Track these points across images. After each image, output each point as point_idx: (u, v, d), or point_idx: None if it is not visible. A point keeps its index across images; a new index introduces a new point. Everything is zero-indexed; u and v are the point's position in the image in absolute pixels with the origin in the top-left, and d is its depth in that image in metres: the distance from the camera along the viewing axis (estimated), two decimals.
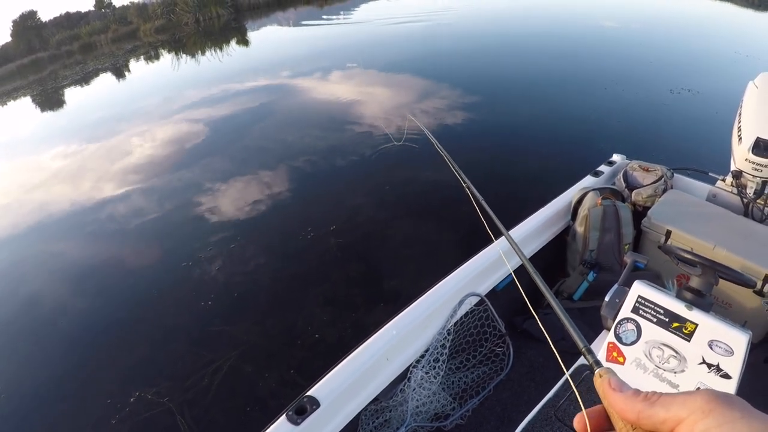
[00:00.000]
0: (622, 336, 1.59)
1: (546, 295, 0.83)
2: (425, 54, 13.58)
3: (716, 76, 9.70)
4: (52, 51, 36.94)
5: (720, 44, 13.70)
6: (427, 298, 2.25)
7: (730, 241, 2.50)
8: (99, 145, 9.74)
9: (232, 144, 8.17)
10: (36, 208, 7.14)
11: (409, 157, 6.39)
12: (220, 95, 11.91)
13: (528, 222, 2.84)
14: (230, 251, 4.97)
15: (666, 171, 3.13)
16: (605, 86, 9.09)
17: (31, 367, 4.04)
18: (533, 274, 0.93)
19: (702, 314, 1.51)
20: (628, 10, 22.97)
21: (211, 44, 24.26)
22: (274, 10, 38.18)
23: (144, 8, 40.02)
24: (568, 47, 13.39)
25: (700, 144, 6.15)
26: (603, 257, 2.89)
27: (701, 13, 23.88)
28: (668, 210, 2.79)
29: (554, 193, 3.13)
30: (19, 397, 3.74)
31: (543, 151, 6.42)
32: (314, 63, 14.13)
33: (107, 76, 20.29)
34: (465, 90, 9.34)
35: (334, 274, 4.45)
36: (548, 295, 0.82)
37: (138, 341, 4.02)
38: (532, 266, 0.97)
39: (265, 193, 6.07)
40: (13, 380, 3.93)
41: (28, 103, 18.26)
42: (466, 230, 4.72)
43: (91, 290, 4.95)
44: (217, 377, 3.45)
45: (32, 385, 3.82)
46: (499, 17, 19.12)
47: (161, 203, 6.38)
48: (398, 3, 35.69)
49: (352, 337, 3.63)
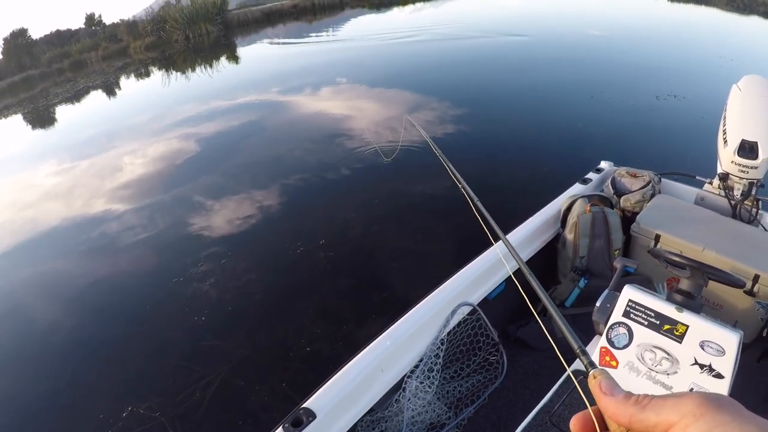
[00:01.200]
0: (614, 340, 1.61)
1: (542, 298, 0.84)
2: (413, 68, 13.68)
3: (701, 81, 9.81)
4: (43, 68, 36.84)
5: (705, 49, 13.87)
6: (420, 309, 2.25)
7: (719, 242, 2.52)
8: (90, 162, 9.71)
9: (223, 160, 8.17)
10: (28, 226, 7.10)
11: (396, 171, 6.42)
12: (210, 112, 11.91)
13: (518, 231, 2.85)
14: (221, 266, 4.96)
15: (653, 176, 3.16)
16: (591, 95, 9.17)
17: (24, 381, 4.01)
18: (530, 276, 0.94)
19: (692, 316, 1.52)
20: (612, 18, 23.20)
21: (201, 61, 24.29)
22: (263, 26, 38.35)
23: (134, 25, 40.07)
24: (554, 57, 13.51)
25: (686, 148, 6.20)
26: (593, 263, 2.90)
27: (686, 18, 24.13)
28: (657, 214, 2.82)
29: (543, 202, 3.15)
30: (12, 411, 3.72)
31: (531, 161, 6.47)
32: (304, 78, 14.18)
33: (98, 93, 20.26)
34: (453, 102, 9.40)
35: (324, 288, 4.45)
36: (544, 297, 0.83)
37: (130, 356, 4.01)
38: (529, 269, 0.98)
39: (255, 209, 6.07)
40: (6, 394, 3.91)
41: (19, 121, 18.19)
42: (455, 240, 4.75)
43: (84, 306, 4.93)
44: (208, 391, 3.43)
45: (26, 400, 3.79)
46: (484, 31, 19.24)
47: (153, 220, 6.36)
48: (386, 17, 36.01)
49: (343, 350, 3.63)
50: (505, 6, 36.42)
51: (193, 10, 36.46)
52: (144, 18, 39.83)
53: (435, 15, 33.33)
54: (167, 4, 39.83)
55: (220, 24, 37.76)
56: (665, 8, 31.68)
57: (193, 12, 36.37)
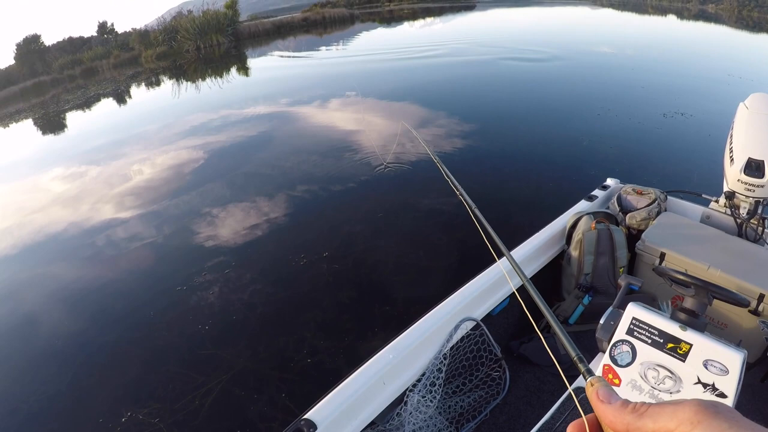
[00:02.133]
0: (617, 358, 1.60)
1: (544, 313, 0.84)
2: (421, 83, 13.76)
3: (709, 99, 9.83)
4: (55, 75, 37.18)
5: (713, 67, 13.90)
6: (424, 323, 2.25)
7: (724, 261, 2.51)
8: (99, 169, 9.75)
9: (230, 170, 8.20)
10: (35, 230, 7.13)
11: (402, 185, 6.45)
12: (219, 122, 11.99)
13: (523, 247, 2.85)
14: (225, 276, 4.97)
15: (659, 194, 3.16)
16: (598, 111, 9.19)
17: (24, 384, 4.01)
18: (533, 292, 0.94)
19: (696, 334, 1.51)
20: (621, 35, 23.29)
21: (211, 71, 24.48)
22: (274, 39, 38.68)
23: (146, 35, 40.45)
24: (562, 74, 13.57)
25: (693, 166, 6.21)
26: (598, 281, 2.90)
27: (695, 35, 24.20)
28: (662, 232, 2.81)
29: (549, 218, 3.15)
30: (11, 413, 3.72)
31: (537, 177, 6.47)
32: (313, 91, 14.29)
33: (109, 101, 20.42)
34: (460, 117, 9.46)
35: (326, 300, 4.44)
36: (546, 312, 0.84)
37: (131, 362, 4.01)
38: (533, 286, 0.98)
39: (260, 219, 6.09)
40: (6, 397, 3.91)
41: (29, 126, 18.33)
42: (460, 255, 4.75)
43: (87, 311, 4.94)
44: (207, 400, 3.43)
45: (25, 402, 3.79)
46: (493, 47, 19.35)
47: (158, 228, 6.38)
48: (396, 32, 36.26)
49: (344, 363, 3.63)
50: (514, 21, 36.70)
51: (204, 21, 36.82)
52: (156, 28, 40.22)
53: (444, 30, 33.67)
54: (179, 14, 40.26)
55: (231, 35, 38.14)
56: (675, 26, 31.80)
57: (204, 23, 36.73)
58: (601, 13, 47.45)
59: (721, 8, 49.12)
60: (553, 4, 65.16)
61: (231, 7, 39.87)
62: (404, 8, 77.02)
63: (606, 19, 39.10)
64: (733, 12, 44.79)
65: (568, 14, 44.86)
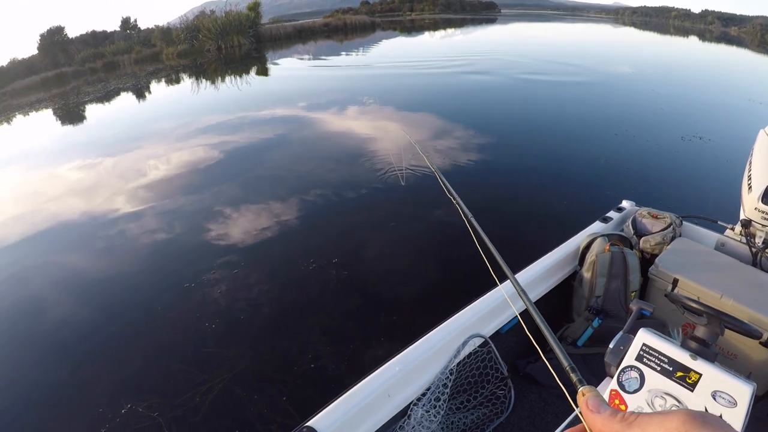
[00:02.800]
0: (625, 384, 1.58)
1: (548, 338, 0.84)
2: (439, 94, 13.81)
3: (729, 124, 9.77)
4: (76, 67, 37.67)
5: (734, 91, 13.84)
6: (431, 337, 2.24)
7: (737, 290, 2.48)
8: (114, 162, 9.86)
9: (245, 171, 8.25)
10: (49, 219, 7.19)
11: (416, 196, 6.45)
12: (236, 123, 12.09)
13: (536, 265, 2.83)
14: (233, 276, 4.98)
15: (675, 218, 3.12)
16: (615, 132, 9.15)
17: (27, 370, 4.04)
18: (537, 318, 0.94)
19: (706, 364, 1.49)
20: (641, 55, 23.22)
21: (231, 72, 24.69)
22: (294, 42, 38.98)
23: (168, 32, 40.92)
24: (580, 91, 13.55)
25: (710, 192, 6.16)
26: (609, 304, 2.87)
27: (716, 59, 24.09)
28: (676, 258, 2.78)
29: (563, 238, 3.13)
30: (11, 398, 3.75)
31: (552, 196, 6.44)
32: (331, 96, 14.38)
33: (128, 95, 20.63)
34: (477, 132, 9.47)
35: (332, 306, 4.43)
36: (550, 337, 0.83)
37: (134, 355, 4.02)
38: (537, 311, 0.98)
39: (271, 221, 6.10)
40: (8, 382, 3.94)
41: (49, 116, 18.55)
42: (470, 270, 4.72)
43: (93, 302, 4.97)
44: (208, 397, 3.43)
45: (26, 389, 3.82)
46: (511, 62, 19.37)
47: (171, 224, 6.41)
48: (416, 42, 36.40)
49: (346, 370, 3.62)
50: (535, 37, 36.71)
51: (226, 22, 37.21)
52: (178, 26, 40.68)
53: (464, 42, 33.74)
54: (202, 14, 40.71)
55: (252, 37, 38.49)
56: (696, 47, 31.67)
57: (226, 23, 37.10)
58: (623, 31, 47.41)
59: (744, 31, 48.94)
60: (575, 21, 65.16)
61: (253, 9, 40.25)
62: (425, 18, 77.45)
63: (627, 38, 39.08)
64: (756, 36, 44.57)
65: (590, 31, 44.87)
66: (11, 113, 20.92)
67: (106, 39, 45.63)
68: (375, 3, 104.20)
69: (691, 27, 57.62)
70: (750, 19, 51.86)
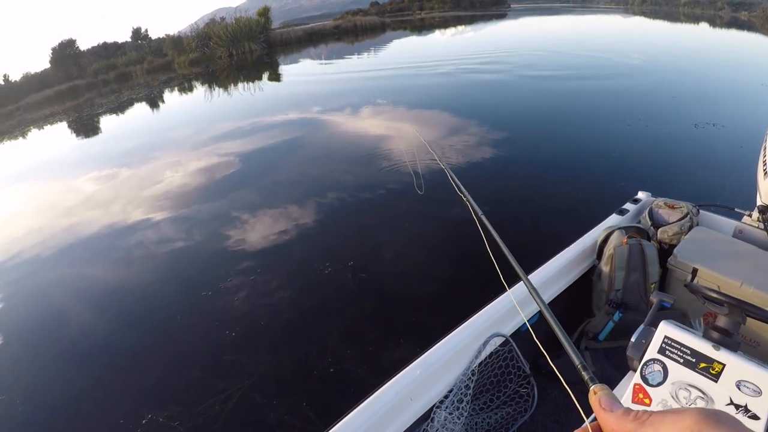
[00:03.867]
0: (648, 377, 1.57)
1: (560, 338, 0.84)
2: (451, 94, 13.79)
3: (742, 110, 9.62)
4: (89, 79, 38.16)
5: (747, 77, 13.65)
6: (452, 339, 2.23)
7: (757, 278, 2.44)
8: (131, 172, 9.96)
9: (260, 177, 8.30)
10: (66, 230, 7.30)
11: (430, 196, 6.42)
12: (250, 128, 12.17)
13: (553, 261, 2.81)
14: (251, 282, 4.99)
15: (691, 208, 3.08)
16: (629, 123, 9.06)
17: (50, 381, 4.10)
18: (550, 318, 0.94)
19: (729, 354, 1.47)
20: (652, 44, 22.98)
21: (243, 78, 24.86)
22: (305, 46, 39.09)
23: (179, 41, 41.25)
24: (590, 84, 13.46)
25: (725, 179, 6.07)
26: (629, 297, 2.85)
27: (727, 45, 23.77)
28: (694, 247, 2.75)
29: (580, 232, 3.09)
30: (35, 409, 3.81)
31: (568, 190, 6.38)
32: (344, 98, 14.43)
33: (141, 105, 20.86)
34: (488, 129, 9.44)
35: (350, 309, 4.43)
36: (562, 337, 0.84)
37: (154, 365, 4.06)
38: (550, 311, 0.98)
39: (288, 226, 6.12)
40: (31, 394, 3.99)
41: (64, 128, 18.82)
42: (489, 268, 4.71)
43: (113, 312, 5.03)
44: (228, 405, 3.44)
45: (50, 399, 3.88)
46: (520, 57, 19.28)
47: (189, 231, 6.47)
48: (425, 41, 36.35)
49: (366, 373, 3.61)
50: (543, 30, 36.48)
51: (237, 29, 37.45)
52: (189, 34, 41.00)
53: (474, 39, 33.58)
54: (212, 21, 41.03)
55: (263, 42, 38.70)
56: (707, 34, 31.28)
57: (237, 30, 37.34)
58: (633, 21, 46.95)
59: (754, 15, 48.27)
60: (585, 12, 64.65)
61: (263, 15, 40.47)
62: (435, 16, 77.31)
63: (637, 27, 38.67)
64: (766, 19, 43.93)
65: (600, 22, 44.47)
66: (26, 127, 21.28)
67: (118, 50, 46.19)
68: (384, 3, 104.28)
69: (701, 13, 56.82)
70: (759, 2, 51.08)
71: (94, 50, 46.86)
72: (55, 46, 43.18)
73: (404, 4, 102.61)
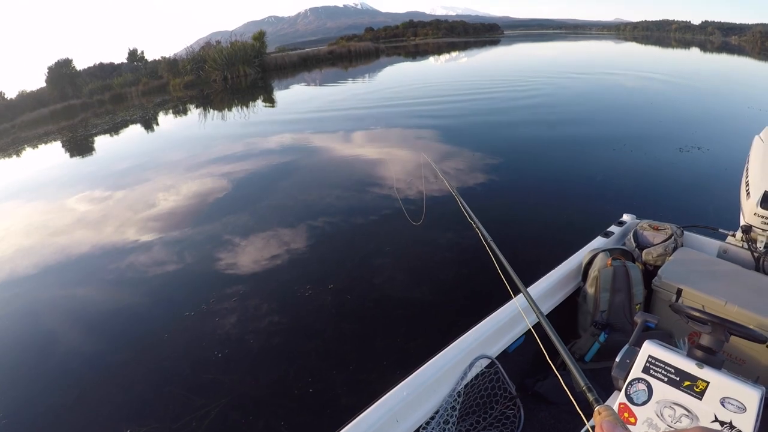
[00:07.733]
0: (633, 396, 1.59)
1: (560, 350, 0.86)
2: (442, 117, 13.97)
3: (727, 133, 9.80)
4: (84, 99, 38.25)
5: (732, 99, 13.87)
6: (438, 360, 2.23)
7: (741, 296, 2.46)
8: (124, 194, 9.92)
9: (252, 201, 8.29)
10: (57, 251, 7.25)
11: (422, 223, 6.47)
12: (244, 152, 12.19)
13: (539, 284, 2.82)
14: (234, 304, 5.00)
15: (676, 229, 3.12)
16: (614, 147, 9.19)
17: (33, 396, 4.09)
18: (549, 330, 0.95)
19: (713, 372, 1.49)
20: (636, 69, 23.31)
21: (237, 102, 24.98)
22: (300, 71, 39.39)
23: (174, 64, 41.47)
24: (577, 109, 13.61)
25: (709, 200, 6.19)
26: (614, 318, 2.86)
27: (713, 68, 24.11)
28: (678, 268, 2.78)
29: (565, 255, 3.12)
30: (17, 423, 3.79)
31: (553, 212, 6.45)
32: (338, 123, 14.56)
33: (136, 127, 20.89)
34: (477, 151, 9.62)
35: (328, 331, 4.43)
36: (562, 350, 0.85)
37: (135, 381, 4.07)
38: (548, 322, 0.99)
39: (275, 250, 6.12)
40: (14, 406, 3.99)
41: (58, 148, 18.78)
42: (472, 292, 4.72)
43: (102, 331, 5.02)
44: (205, 422, 3.43)
45: (32, 413, 3.87)
46: (510, 82, 19.53)
47: (179, 254, 6.43)
48: (420, 67, 36.70)
49: (346, 395, 3.60)
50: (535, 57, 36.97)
51: (232, 52, 37.76)
52: (184, 57, 41.23)
53: (468, 65, 33.96)
54: (208, 44, 41.31)
55: (257, 66, 38.97)
56: (697, 58, 31.75)
57: (232, 54, 37.65)
58: (624, 47, 47.61)
59: (744, 40, 49.09)
60: (578, 39, 65.52)
61: (258, 39, 40.85)
62: (429, 42, 78.19)
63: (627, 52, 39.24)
64: (756, 43, 44.67)
65: (590, 49, 45.09)
66: (20, 146, 21.23)
67: (114, 71, 46.36)
68: (379, 29, 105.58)
69: (692, 39, 57.75)
70: (749, 27, 52.05)
71: (90, 70, 47.03)
72: (52, 65, 43.21)
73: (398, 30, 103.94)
